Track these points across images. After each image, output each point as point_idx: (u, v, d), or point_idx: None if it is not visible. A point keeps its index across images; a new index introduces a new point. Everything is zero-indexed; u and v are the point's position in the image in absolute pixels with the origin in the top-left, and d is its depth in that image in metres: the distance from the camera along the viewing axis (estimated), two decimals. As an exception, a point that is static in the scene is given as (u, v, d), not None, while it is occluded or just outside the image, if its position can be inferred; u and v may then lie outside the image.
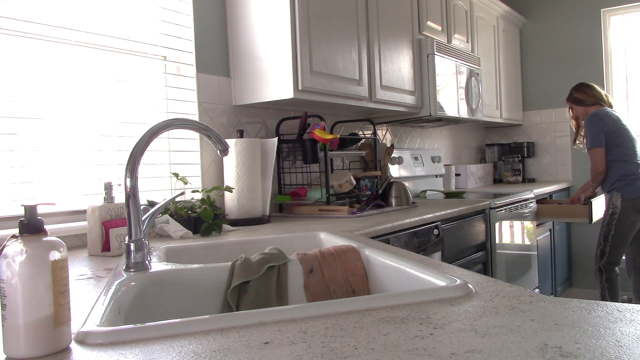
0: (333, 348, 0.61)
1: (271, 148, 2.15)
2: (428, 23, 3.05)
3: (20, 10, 1.61)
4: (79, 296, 0.96)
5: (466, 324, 0.67)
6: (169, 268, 1.12)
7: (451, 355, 0.57)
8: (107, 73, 1.87)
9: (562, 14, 4.37)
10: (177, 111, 2.10)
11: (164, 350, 0.63)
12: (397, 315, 0.72)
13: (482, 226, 2.70)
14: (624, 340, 0.59)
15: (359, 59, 2.43)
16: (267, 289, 1.11)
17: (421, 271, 0.98)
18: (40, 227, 0.67)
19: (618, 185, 3.11)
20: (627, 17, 4.18)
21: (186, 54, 2.14)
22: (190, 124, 1.22)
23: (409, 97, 2.84)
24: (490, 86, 3.89)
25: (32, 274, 0.63)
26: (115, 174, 1.87)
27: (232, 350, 0.62)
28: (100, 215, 1.48)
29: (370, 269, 1.18)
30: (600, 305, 0.72)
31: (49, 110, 1.69)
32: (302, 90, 2.11)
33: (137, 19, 1.98)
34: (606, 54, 4.22)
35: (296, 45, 2.08)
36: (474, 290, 0.83)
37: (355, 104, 2.45)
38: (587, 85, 3.35)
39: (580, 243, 4.31)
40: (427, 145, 3.82)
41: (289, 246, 1.50)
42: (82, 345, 0.66)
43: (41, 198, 1.64)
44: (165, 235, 1.70)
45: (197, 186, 2.11)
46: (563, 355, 0.55)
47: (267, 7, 2.13)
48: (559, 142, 4.47)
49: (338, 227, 1.78)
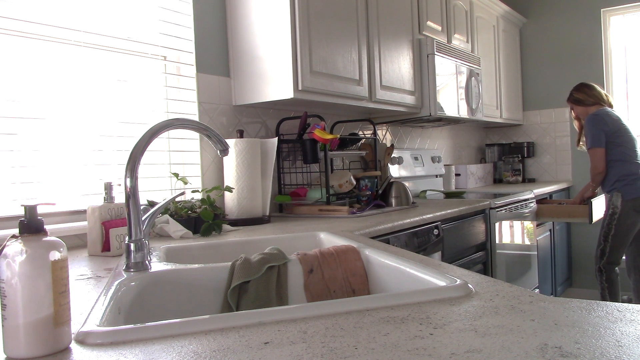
0: (333, 348, 0.60)
1: (271, 148, 2.15)
2: (428, 23, 3.05)
3: (20, 10, 1.61)
4: (79, 296, 0.96)
5: (466, 324, 0.67)
6: (169, 268, 1.12)
7: (451, 355, 0.57)
8: (107, 73, 1.87)
9: (562, 14, 4.37)
10: (177, 111, 2.10)
11: (164, 350, 0.63)
12: (397, 315, 0.72)
13: (482, 226, 2.70)
14: (624, 340, 0.59)
15: (359, 59, 2.43)
16: (267, 289, 1.11)
17: (421, 271, 0.98)
18: (40, 227, 0.67)
19: (618, 186, 3.11)
20: (627, 17, 4.18)
21: (186, 54, 2.14)
22: (190, 124, 1.22)
23: (409, 97, 2.84)
24: (490, 86, 3.89)
25: (32, 274, 0.63)
26: (115, 174, 1.87)
27: (232, 350, 0.62)
28: (100, 215, 1.48)
29: (370, 269, 1.18)
30: (600, 305, 0.72)
31: (49, 110, 1.69)
32: (302, 90, 2.11)
33: (137, 19, 1.98)
34: (606, 54, 4.22)
35: (296, 45, 2.08)
36: (474, 290, 0.83)
37: (355, 104, 2.45)
38: (587, 85, 3.35)
39: (580, 243, 4.31)
40: (427, 145, 3.82)
41: (289, 246, 1.50)
42: (82, 345, 0.66)
43: (41, 198, 1.64)
44: (165, 235, 1.70)
45: (197, 186, 2.11)
46: (563, 355, 0.55)
47: (267, 7, 2.13)
48: (559, 142, 4.47)
49: (338, 227, 1.78)
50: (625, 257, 3.30)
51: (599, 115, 3.16)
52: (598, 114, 3.17)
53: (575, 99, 3.34)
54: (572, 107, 3.40)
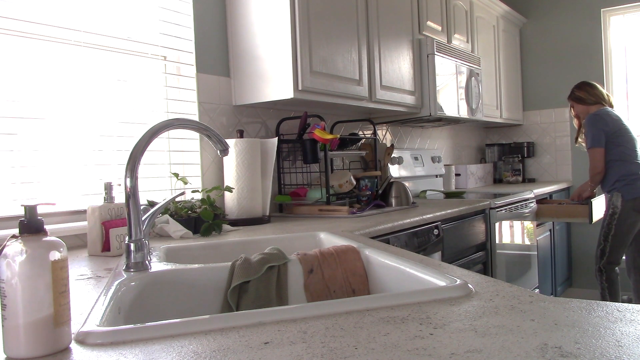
0: (333, 348, 0.60)
1: (271, 148, 2.15)
2: (428, 23, 3.05)
3: (20, 10, 1.61)
4: (79, 296, 0.96)
5: (466, 324, 0.67)
6: (169, 268, 1.12)
7: (451, 355, 0.57)
8: (107, 73, 1.87)
9: (562, 14, 4.37)
10: (177, 111, 2.10)
11: (164, 350, 0.63)
12: (397, 315, 0.72)
13: (482, 226, 2.70)
14: (624, 340, 0.59)
15: (359, 59, 2.43)
16: (267, 289, 1.11)
17: (421, 271, 0.98)
18: (40, 227, 0.67)
19: (618, 186, 3.10)
20: (627, 17, 4.18)
21: (186, 54, 2.14)
22: (190, 124, 1.22)
23: (409, 97, 2.84)
24: (490, 86, 3.89)
25: (32, 274, 0.63)
26: (115, 174, 1.87)
27: (232, 350, 0.62)
28: (100, 215, 1.48)
29: (370, 269, 1.18)
30: (600, 305, 0.72)
31: (49, 110, 1.69)
32: (302, 90, 2.11)
33: (137, 19, 1.98)
34: (606, 54, 4.22)
35: (296, 45, 2.08)
36: (474, 290, 0.83)
37: (355, 104, 2.45)
38: (589, 84, 3.34)
39: (580, 243, 4.31)
40: (427, 145, 3.82)
41: (289, 246, 1.50)
42: (82, 345, 0.66)
43: (41, 198, 1.64)
44: (165, 235, 1.70)
45: (197, 186, 2.11)
46: (563, 355, 0.55)
47: (267, 7, 2.13)
48: (559, 142, 4.47)
49: (338, 227, 1.78)
50: (625, 257, 3.29)
51: (600, 115, 3.16)
52: (599, 114, 3.17)
53: (577, 97, 3.34)
54: (573, 105, 3.40)
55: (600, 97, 3.27)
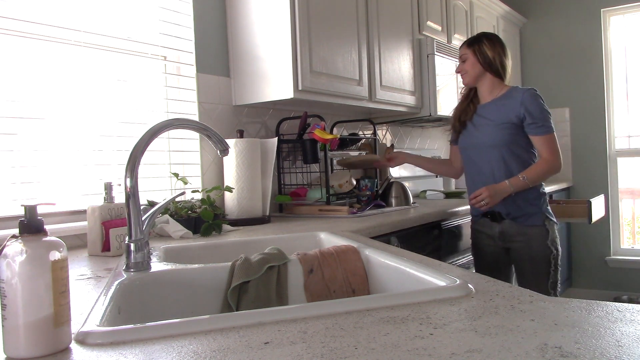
0: (333, 348, 0.60)
1: (271, 148, 2.14)
2: (428, 23, 3.05)
3: (20, 10, 1.61)
4: (79, 296, 0.96)
5: (466, 324, 0.67)
6: (169, 268, 1.12)
7: (451, 355, 0.57)
8: (107, 73, 1.87)
9: (562, 14, 4.37)
10: (177, 111, 2.10)
11: (164, 350, 0.63)
12: (397, 315, 0.72)
13: (482, 226, 2.69)
14: (624, 340, 0.59)
15: (359, 59, 2.43)
16: (267, 289, 1.11)
17: (421, 271, 0.98)
18: (40, 227, 0.67)
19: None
20: (627, 17, 4.18)
21: (186, 54, 2.14)
22: (190, 124, 1.22)
23: (409, 97, 2.84)
24: (490, 86, 3.87)
25: (32, 274, 0.63)
26: (115, 174, 1.87)
27: (232, 350, 0.62)
28: (100, 215, 1.48)
29: (370, 269, 1.18)
30: (600, 305, 0.72)
31: (49, 110, 1.69)
32: (302, 90, 2.10)
33: (137, 19, 1.97)
34: (606, 54, 4.22)
35: (296, 46, 2.08)
36: (474, 290, 0.83)
37: (355, 104, 2.45)
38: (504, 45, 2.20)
39: (580, 243, 4.31)
40: (427, 145, 3.82)
41: (289, 246, 1.50)
42: (82, 345, 0.66)
43: (41, 198, 1.64)
44: (165, 235, 1.70)
45: (197, 186, 2.10)
46: (563, 355, 0.55)
47: (267, 7, 2.13)
48: (559, 142, 4.45)
49: (338, 227, 1.78)
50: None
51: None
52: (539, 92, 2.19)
53: (484, 52, 2.13)
54: (474, 59, 2.13)
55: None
